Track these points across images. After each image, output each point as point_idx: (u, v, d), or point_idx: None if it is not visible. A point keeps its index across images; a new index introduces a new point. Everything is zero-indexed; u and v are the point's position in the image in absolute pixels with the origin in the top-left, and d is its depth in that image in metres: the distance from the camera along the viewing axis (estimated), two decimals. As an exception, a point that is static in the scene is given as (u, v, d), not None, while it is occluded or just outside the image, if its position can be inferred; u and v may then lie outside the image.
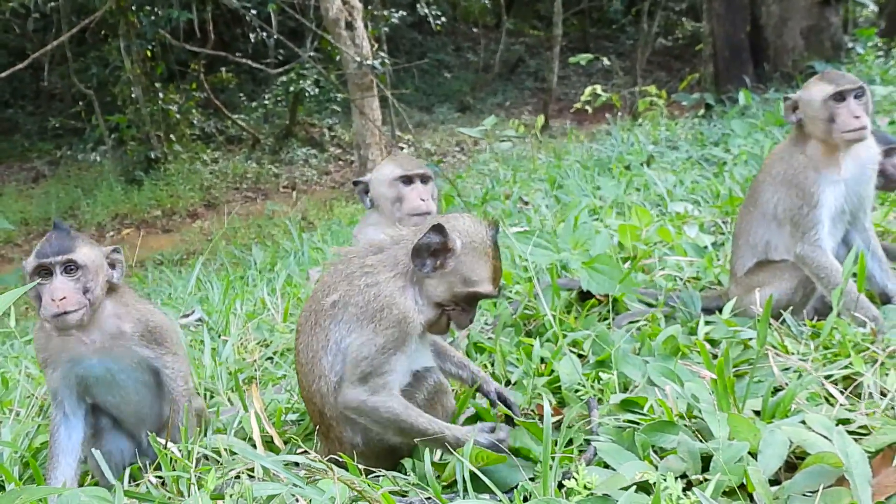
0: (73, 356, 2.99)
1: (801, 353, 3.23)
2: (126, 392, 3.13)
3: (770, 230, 3.87)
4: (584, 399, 3.05)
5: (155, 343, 3.07)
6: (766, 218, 3.87)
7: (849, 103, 3.61)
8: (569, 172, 9.10)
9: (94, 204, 17.48)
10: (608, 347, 3.40)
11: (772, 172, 3.88)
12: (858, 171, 3.76)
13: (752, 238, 3.93)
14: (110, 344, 3.01)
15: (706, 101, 12.66)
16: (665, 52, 26.63)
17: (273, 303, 5.84)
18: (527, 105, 24.60)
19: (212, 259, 11.25)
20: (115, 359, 3.03)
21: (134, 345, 3.04)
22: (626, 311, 4.30)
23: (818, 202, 3.65)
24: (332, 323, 2.72)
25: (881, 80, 11.10)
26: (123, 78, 18.38)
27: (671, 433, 2.55)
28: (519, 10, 28.75)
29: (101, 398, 3.13)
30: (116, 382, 3.08)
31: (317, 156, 20.72)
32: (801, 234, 3.67)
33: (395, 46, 24.85)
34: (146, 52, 19.04)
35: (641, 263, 4.95)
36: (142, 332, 3.05)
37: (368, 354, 2.61)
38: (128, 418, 3.22)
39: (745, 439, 2.45)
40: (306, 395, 2.82)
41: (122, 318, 3.03)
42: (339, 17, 16.79)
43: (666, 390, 2.87)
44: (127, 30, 17.70)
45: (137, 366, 3.09)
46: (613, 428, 2.71)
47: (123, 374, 3.08)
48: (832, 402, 2.84)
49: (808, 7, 12.17)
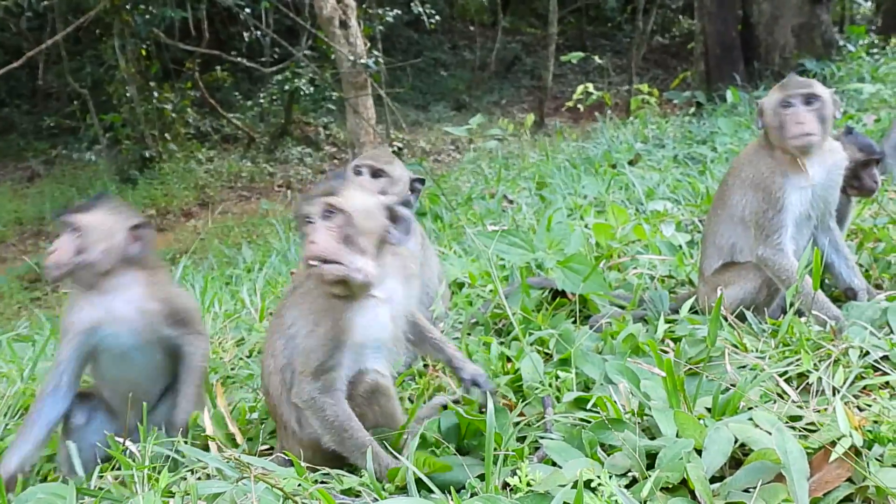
0: (96, 324, 3.10)
1: (759, 350, 3.24)
2: (132, 369, 3.21)
3: (736, 232, 3.88)
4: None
5: (180, 324, 3.20)
6: (734, 220, 3.88)
7: (796, 109, 3.61)
8: (556, 171, 9.11)
9: (89, 203, 17.48)
10: (571, 346, 3.42)
11: (740, 175, 3.89)
12: (825, 177, 3.78)
13: (719, 240, 3.95)
14: (135, 317, 3.12)
15: (697, 100, 12.68)
16: (662, 50, 26.61)
17: (253, 302, 5.87)
18: (523, 103, 24.59)
19: (204, 258, 11.29)
20: (135, 333, 3.14)
21: (158, 323, 3.16)
22: (597, 311, 4.32)
23: (783, 206, 3.66)
24: (288, 310, 2.77)
25: (871, 78, 11.12)
26: (118, 77, 18.39)
27: (619, 431, 2.57)
28: (516, 8, 28.74)
29: (105, 372, 3.22)
30: (128, 357, 3.17)
31: (312, 154, 20.73)
32: (763, 237, 3.68)
33: (391, 45, 24.84)
34: (141, 51, 19.05)
35: (616, 262, 4.97)
36: (168, 312, 3.17)
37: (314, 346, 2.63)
38: (120, 398, 3.26)
39: (691, 436, 2.47)
40: (264, 386, 2.85)
41: (152, 296, 3.15)
42: (333, 16, 16.80)
43: (620, 388, 2.89)
44: (121, 29, 17.70)
45: (156, 344, 3.19)
46: (566, 426, 2.73)
47: (138, 351, 3.17)
48: (785, 398, 2.86)
49: (800, 5, 12.18)
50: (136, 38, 18.11)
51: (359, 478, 2.58)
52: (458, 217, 7.71)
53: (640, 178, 7.75)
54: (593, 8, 27.30)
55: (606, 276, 4.68)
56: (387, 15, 20.49)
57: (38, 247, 15.85)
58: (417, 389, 3.47)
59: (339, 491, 2.55)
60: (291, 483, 2.22)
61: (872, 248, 4.44)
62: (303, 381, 2.65)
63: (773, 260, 3.64)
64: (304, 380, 2.65)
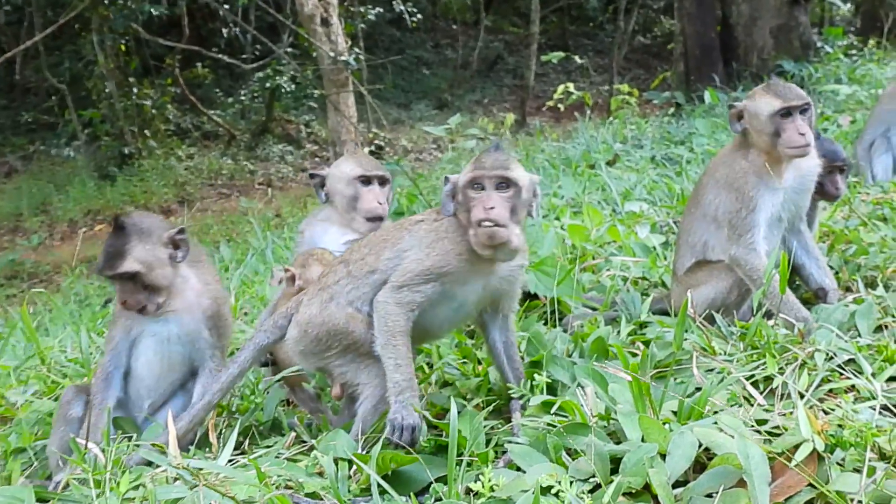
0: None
1: (727, 353, 3.25)
2: (167, 360, 3.34)
3: (709, 231, 3.90)
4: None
5: (215, 328, 3.34)
6: (707, 219, 3.90)
7: (795, 119, 3.64)
8: (534, 171, 9.10)
9: (67, 199, 17.33)
10: (542, 349, 3.41)
11: (715, 175, 3.92)
12: (798, 182, 3.82)
13: (692, 238, 3.96)
14: (182, 311, 3.28)
15: (676, 100, 12.72)
16: (644, 50, 26.71)
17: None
18: (505, 102, 24.60)
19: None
20: (180, 323, 3.29)
21: (202, 320, 3.30)
22: (570, 313, 4.33)
23: (756, 206, 3.69)
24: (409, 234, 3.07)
25: (848, 80, 11.21)
26: (97, 72, 18.22)
27: (583, 435, 2.56)
28: (499, 7, 28.75)
29: (145, 357, 3.33)
30: (168, 344, 3.31)
31: (293, 152, 20.64)
32: (737, 237, 3.70)
33: (373, 43, 24.77)
34: (120, 47, 18.88)
35: (591, 264, 4.98)
36: (214, 312, 3.33)
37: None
38: (141, 390, 3.38)
39: (656, 441, 2.47)
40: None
41: (202, 293, 3.32)
42: (314, 13, 16.74)
43: (587, 392, 2.89)
44: (100, 24, 17.55)
45: (191, 340, 3.32)
46: (533, 430, 2.72)
47: (178, 340, 3.31)
48: (752, 402, 2.87)
49: (778, 6, 12.25)
50: (115, 34, 17.93)
51: (321, 479, 2.57)
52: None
53: (618, 180, 7.78)
54: (576, 7, 27.35)
55: (580, 278, 4.69)
56: (368, 13, 20.43)
57: (15, 243, 15.71)
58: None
59: (304, 494, 2.54)
60: (246, 490, 2.20)
61: (843, 250, 4.47)
62: (390, 289, 2.92)
63: (745, 259, 3.66)
64: (392, 287, 2.92)
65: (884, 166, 5.96)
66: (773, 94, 3.71)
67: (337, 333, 2.95)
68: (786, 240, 3.92)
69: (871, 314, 3.46)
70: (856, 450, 2.35)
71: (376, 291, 2.97)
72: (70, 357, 4.79)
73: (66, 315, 7.50)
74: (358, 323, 2.95)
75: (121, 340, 3.33)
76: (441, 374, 3.65)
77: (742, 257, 3.68)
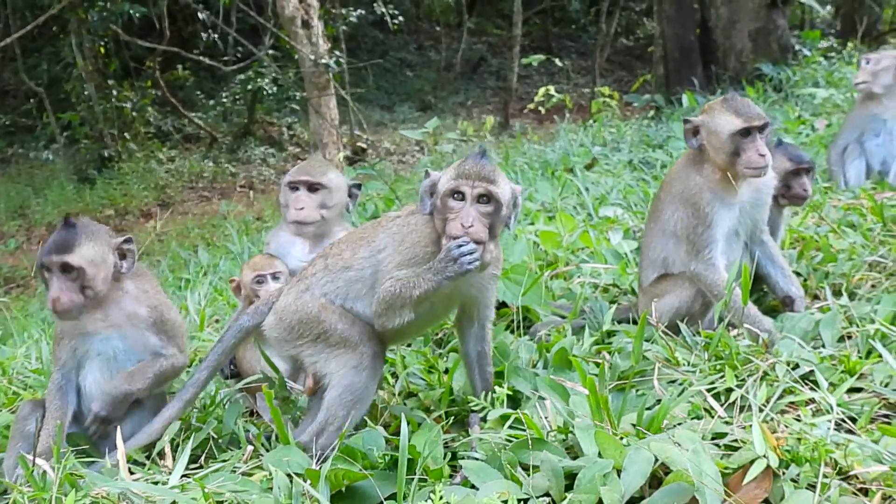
0: (90, 330, 3.22)
1: (691, 364, 3.22)
2: (115, 378, 3.26)
3: (668, 247, 3.88)
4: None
5: (164, 332, 3.29)
6: (665, 234, 3.88)
7: (755, 139, 3.61)
8: (512, 174, 9.08)
9: (45, 203, 17.16)
10: (504, 360, 3.38)
11: (671, 191, 3.89)
12: (754, 196, 3.82)
13: (652, 253, 3.94)
14: (124, 323, 3.24)
15: (656, 103, 12.73)
16: (626, 52, 26.74)
17: (198, 308, 5.77)
18: (488, 104, 24.58)
19: (161, 260, 11.13)
20: (124, 338, 3.24)
21: (146, 329, 3.26)
22: (539, 321, 4.30)
23: (712, 222, 3.68)
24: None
25: (826, 83, 11.24)
26: (75, 74, 18.06)
27: (538, 450, 2.53)
28: (482, 9, 28.73)
29: (92, 376, 3.27)
30: (116, 362, 3.26)
31: (275, 155, 20.53)
32: (695, 252, 3.69)
33: (356, 45, 24.68)
34: (99, 49, 18.72)
35: (562, 271, 4.94)
36: (156, 318, 3.28)
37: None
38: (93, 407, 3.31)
39: (611, 456, 2.44)
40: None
41: (140, 301, 3.26)
42: (295, 15, 16.67)
43: (546, 405, 2.85)
44: (78, 26, 17.40)
45: (142, 351, 3.28)
46: (490, 444, 2.68)
47: (126, 355, 3.26)
48: (713, 414, 2.84)
49: (756, 9, 12.27)
50: (93, 35, 17.78)
51: (271, 496, 2.53)
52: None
53: (595, 184, 7.75)
54: (558, 10, 27.36)
55: (550, 286, 4.66)
56: (350, 15, 20.37)
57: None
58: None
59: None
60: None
61: (812, 257, 4.45)
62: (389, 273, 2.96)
63: (704, 275, 3.64)
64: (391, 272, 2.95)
65: (857, 171, 5.96)
66: (733, 112, 3.66)
67: (309, 322, 2.99)
68: (750, 249, 3.91)
69: (835, 324, 3.45)
70: (811, 465, 2.32)
71: (350, 287, 3.02)
72: (33, 368, 4.71)
73: (39, 322, 7.41)
74: (330, 313, 3.00)
75: (68, 360, 3.27)
76: (406, 384, 3.61)
77: (701, 273, 3.67)
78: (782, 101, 10.66)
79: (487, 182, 2.86)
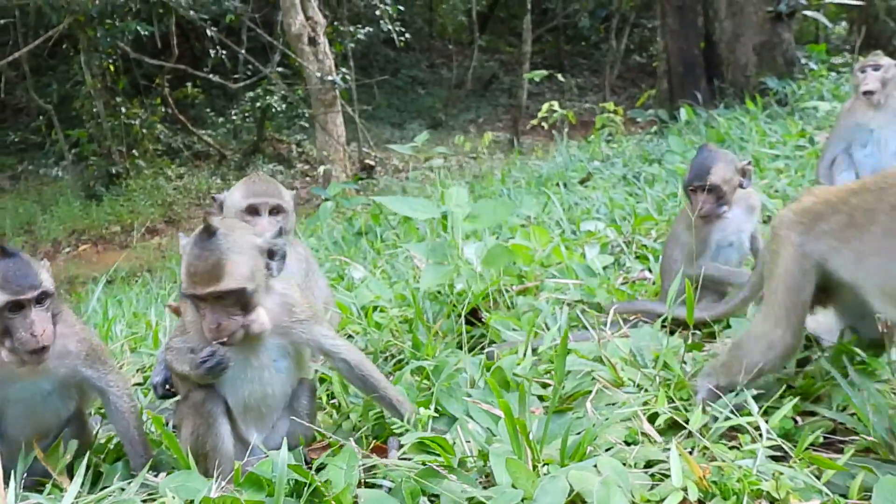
0: (11, 375, 2.82)
1: (637, 385, 3.01)
2: (42, 416, 2.97)
3: None
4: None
5: (98, 362, 2.98)
6: None
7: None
8: (504, 189, 8.92)
9: (51, 219, 17.22)
10: (433, 381, 3.18)
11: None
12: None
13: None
14: (55, 364, 2.87)
15: (660, 118, 12.52)
16: (640, 69, 26.55)
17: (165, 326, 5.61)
18: (499, 121, 24.47)
19: (160, 277, 11.04)
20: (53, 380, 2.91)
21: (80, 364, 2.93)
22: (499, 340, 4.09)
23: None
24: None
25: (832, 97, 11.00)
26: (84, 92, 18.16)
27: (439, 480, 2.33)
28: (494, 27, 28.70)
29: (10, 421, 2.94)
30: (40, 404, 2.94)
31: (283, 172, 20.50)
32: None
33: (368, 62, 24.70)
34: (108, 66, 18.82)
35: (530, 285, 4.75)
36: (87, 351, 2.96)
37: None
38: (18, 445, 2.96)
39: (523, 486, 2.24)
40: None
41: (68, 338, 2.92)
42: (301, 33, 16.69)
43: (469, 429, 2.65)
44: (87, 44, 17.51)
45: (75, 388, 3.00)
46: (399, 472, 2.48)
47: (53, 396, 2.95)
48: (652, 441, 2.63)
49: (761, 23, 12.05)
50: (101, 53, 17.89)
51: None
52: (398, 235, 7.51)
53: (585, 199, 7.57)
54: (570, 27, 27.25)
55: (515, 302, 4.46)
56: (358, 32, 20.36)
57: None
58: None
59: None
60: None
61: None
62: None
63: None
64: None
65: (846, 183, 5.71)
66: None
67: (174, 371, 2.86)
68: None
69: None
70: (737, 498, 2.11)
71: None
72: None
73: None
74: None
75: None
76: (346, 404, 3.41)
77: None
78: (786, 115, 10.42)
79: (216, 281, 2.54)
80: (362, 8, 21.99)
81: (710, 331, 3.53)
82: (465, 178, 14.12)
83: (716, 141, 9.10)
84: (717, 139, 9.02)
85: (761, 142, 8.45)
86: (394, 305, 4.77)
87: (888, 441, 2.42)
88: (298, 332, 2.77)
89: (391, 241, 7.46)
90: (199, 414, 2.75)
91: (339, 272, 6.31)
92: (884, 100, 5.66)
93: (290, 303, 2.77)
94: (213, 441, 2.74)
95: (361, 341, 4.28)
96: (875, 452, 2.44)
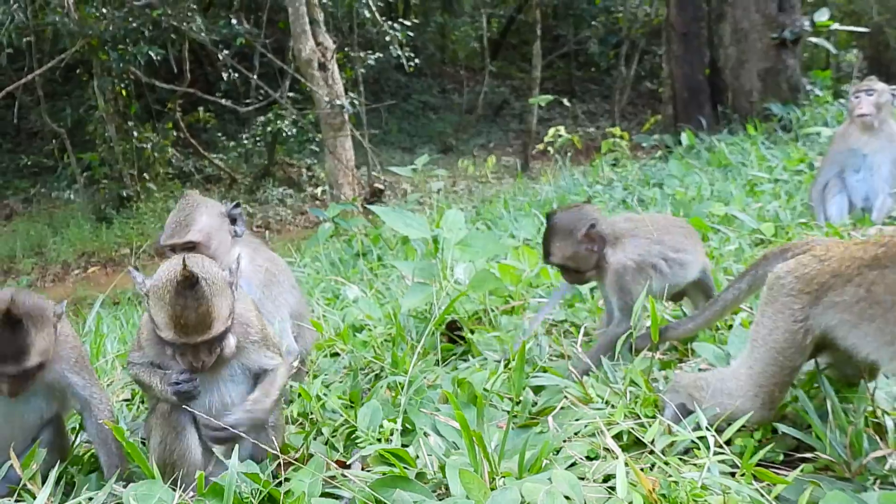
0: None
1: (604, 400, 3.02)
2: (23, 417, 2.98)
3: None
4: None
5: (85, 371, 3.03)
6: None
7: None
8: (504, 212, 8.96)
9: (62, 241, 17.37)
10: (415, 395, 3.20)
11: None
12: None
13: None
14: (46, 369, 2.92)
15: (665, 143, 12.56)
16: (650, 95, 26.64)
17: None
18: (510, 147, 24.59)
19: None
20: (39, 385, 2.93)
21: (67, 370, 2.98)
22: (479, 355, 4.11)
23: None
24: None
25: (836, 123, 10.98)
26: (97, 116, 18.40)
27: (409, 490, 2.35)
28: (506, 53, 28.91)
29: None
30: (22, 405, 2.95)
31: (293, 195, 20.64)
32: None
33: (379, 88, 24.92)
34: (120, 90, 19.07)
35: (516, 304, 4.77)
36: (76, 357, 3.02)
37: None
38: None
39: (476, 497, 2.25)
40: None
41: (60, 343, 2.98)
42: (311, 58, 16.86)
43: (430, 441, 2.67)
44: (100, 69, 17.77)
45: (59, 393, 3.01)
46: (359, 483, 2.50)
47: (37, 398, 2.97)
48: (613, 456, 2.63)
49: (765, 49, 12.10)
50: (114, 77, 18.14)
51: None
52: (395, 256, 7.55)
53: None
54: (582, 53, 27.42)
55: (500, 321, 4.49)
56: (368, 58, 20.55)
57: (6, 285, 15.69)
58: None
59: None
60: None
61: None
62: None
63: None
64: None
65: (838, 207, 5.71)
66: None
67: (140, 383, 2.90)
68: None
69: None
70: (687, 511, 2.11)
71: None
72: None
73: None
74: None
75: None
76: (322, 418, 3.43)
77: None
78: (789, 141, 10.43)
79: (207, 329, 2.61)
80: (374, 34, 22.23)
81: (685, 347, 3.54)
82: (472, 202, 14.16)
83: (717, 165, 9.13)
84: (718, 164, 9.04)
85: (760, 166, 8.46)
86: (380, 324, 4.81)
87: (846, 459, 2.42)
88: (249, 351, 2.84)
89: (389, 262, 7.51)
90: (167, 423, 2.78)
91: (335, 292, 6.36)
92: (878, 124, 5.68)
93: (245, 323, 2.83)
94: (180, 450, 2.77)
95: (346, 358, 4.32)
96: (832, 470, 2.43)
